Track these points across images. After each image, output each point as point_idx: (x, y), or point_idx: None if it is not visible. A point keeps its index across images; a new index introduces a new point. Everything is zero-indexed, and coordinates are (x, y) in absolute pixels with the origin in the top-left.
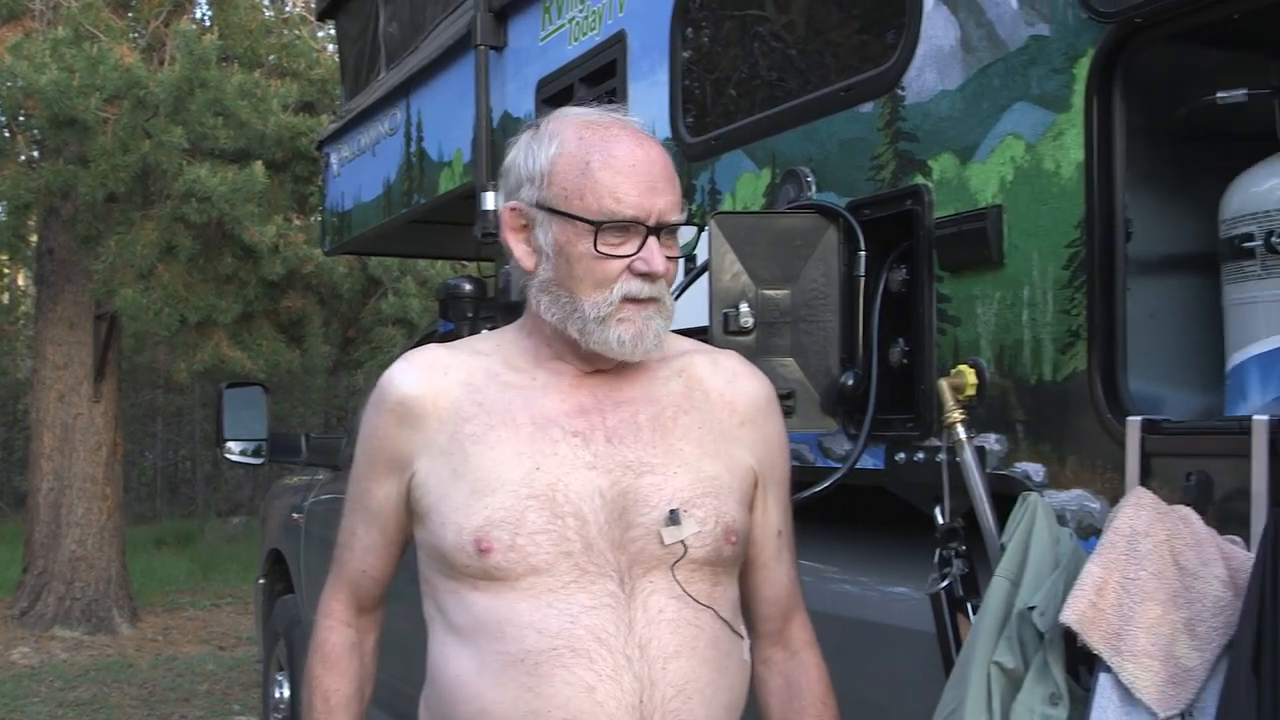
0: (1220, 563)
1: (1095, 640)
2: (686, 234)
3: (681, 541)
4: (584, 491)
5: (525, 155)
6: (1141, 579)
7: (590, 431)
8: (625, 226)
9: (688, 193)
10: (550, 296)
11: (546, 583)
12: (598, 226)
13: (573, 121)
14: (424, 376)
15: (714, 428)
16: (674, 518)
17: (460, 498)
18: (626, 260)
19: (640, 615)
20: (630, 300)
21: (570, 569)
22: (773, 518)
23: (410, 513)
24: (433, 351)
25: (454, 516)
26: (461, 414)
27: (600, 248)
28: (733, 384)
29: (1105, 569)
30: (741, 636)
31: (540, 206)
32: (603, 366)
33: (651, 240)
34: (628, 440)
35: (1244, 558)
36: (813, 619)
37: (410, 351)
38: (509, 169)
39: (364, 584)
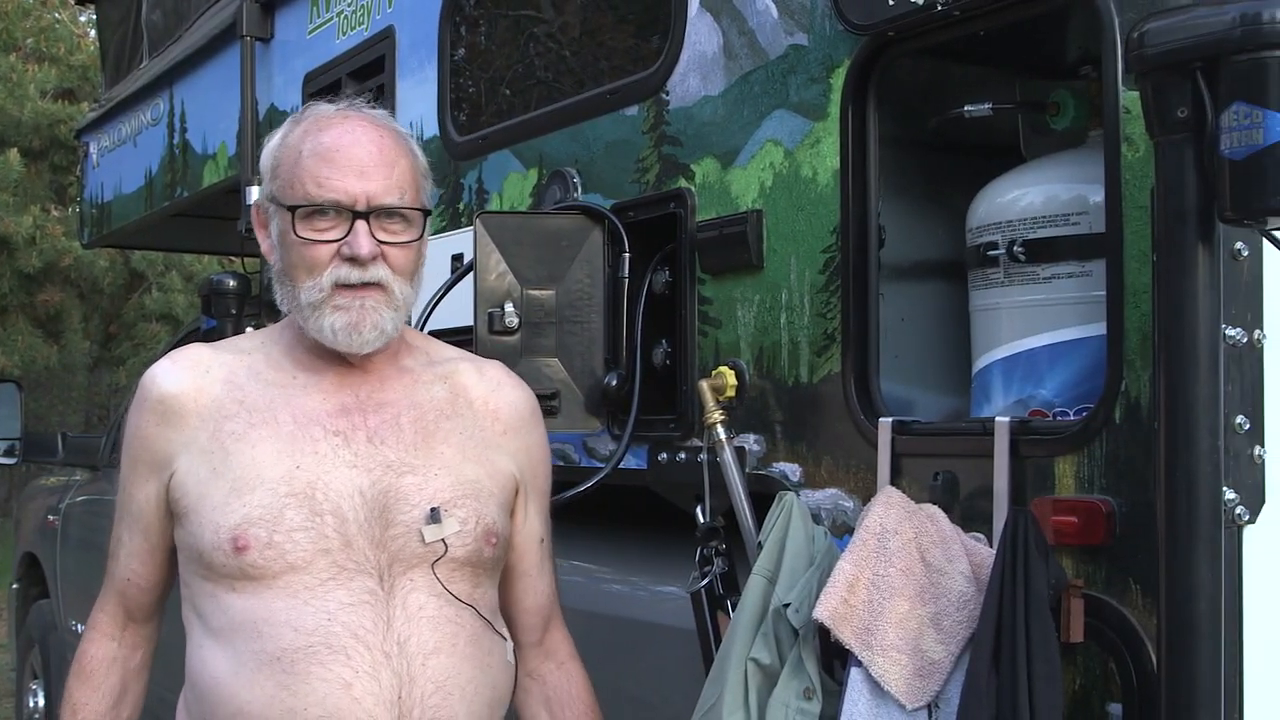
0: (964, 559)
1: (847, 635)
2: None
3: (442, 540)
4: (344, 490)
5: (264, 152)
6: (891, 575)
7: (351, 431)
8: (333, 211)
9: (455, 191)
10: (281, 287)
11: (304, 580)
12: (293, 211)
13: (303, 115)
14: (185, 375)
15: (476, 434)
16: (434, 516)
17: (219, 497)
18: (335, 245)
19: (400, 612)
20: (344, 287)
21: (329, 566)
22: (534, 526)
23: (170, 514)
24: (195, 350)
25: (212, 515)
26: (223, 412)
27: (302, 232)
28: (497, 393)
29: (857, 566)
30: (504, 638)
31: (270, 200)
32: (360, 365)
33: (359, 224)
34: (389, 441)
35: (986, 554)
36: (580, 618)
37: (173, 350)
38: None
39: (131, 592)
